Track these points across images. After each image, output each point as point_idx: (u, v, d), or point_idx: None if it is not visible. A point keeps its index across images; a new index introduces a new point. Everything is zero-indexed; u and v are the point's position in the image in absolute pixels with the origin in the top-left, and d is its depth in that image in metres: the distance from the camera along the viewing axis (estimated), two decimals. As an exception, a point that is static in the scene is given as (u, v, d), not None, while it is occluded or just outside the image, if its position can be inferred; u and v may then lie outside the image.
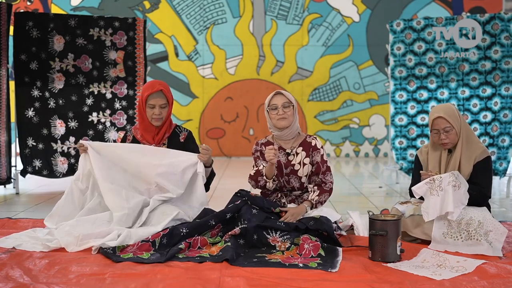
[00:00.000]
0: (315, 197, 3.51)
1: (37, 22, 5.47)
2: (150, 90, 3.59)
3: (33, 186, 5.81)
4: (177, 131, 3.75)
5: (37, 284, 2.61)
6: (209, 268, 2.86)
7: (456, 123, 3.44)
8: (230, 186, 5.72)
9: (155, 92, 3.58)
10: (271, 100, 3.57)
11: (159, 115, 3.60)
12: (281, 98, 3.55)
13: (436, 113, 3.47)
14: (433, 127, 3.48)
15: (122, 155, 3.59)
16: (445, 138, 3.45)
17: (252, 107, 8.99)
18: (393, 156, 6.21)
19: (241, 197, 3.47)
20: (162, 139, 3.69)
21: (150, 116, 3.61)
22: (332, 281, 2.71)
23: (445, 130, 3.44)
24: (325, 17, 8.95)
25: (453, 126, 3.43)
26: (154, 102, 3.58)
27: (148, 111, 3.61)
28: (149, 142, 3.67)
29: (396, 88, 6.01)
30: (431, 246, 3.28)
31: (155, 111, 3.59)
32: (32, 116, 5.47)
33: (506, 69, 5.56)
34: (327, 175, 3.57)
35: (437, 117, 3.45)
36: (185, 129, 3.79)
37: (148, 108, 3.60)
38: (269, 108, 3.56)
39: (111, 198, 3.46)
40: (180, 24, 8.95)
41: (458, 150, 3.47)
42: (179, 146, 3.69)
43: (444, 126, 3.43)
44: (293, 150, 3.59)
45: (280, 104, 3.52)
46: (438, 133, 3.47)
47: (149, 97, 3.58)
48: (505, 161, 5.59)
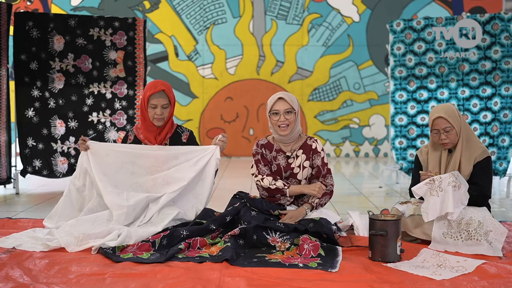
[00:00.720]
0: (315, 200, 3.49)
1: (37, 22, 5.47)
2: (152, 90, 3.58)
3: (33, 186, 5.81)
4: (179, 131, 3.75)
5: (37, 284, 2.61)
6: (209, 268, 2.86)
7: (457, 123, 3.44)
8: (230, 186, 5.72)
9: (157, 92, 3.57)
10: (273, 105, 3.50)
11: (161, 115, 3.59)
12: (283, 104, 3.48)
13: (436, 113, 3.47)
14: (433, 127, 3.48)
15: (130, 157, 3.57)
16: (445, 138, 3.45)
17: (252, 107, 8.99)
18: (393, 156, 6.21)
19: (240, 199, 3.47)
20: (164, 139, 3.68)
21: (151, 116, 3.60)
22: (332, 281, 2.71)
23: (446, 130, 3.44)
24: (325, 17, 8.95)
25: (453, 126, 3.43)
26: (156, 102, 3.57)
27: (150, 111, 3.60)
28: (151, 142, 3.66)
29: (396, 88, 6.01)
30: (431, 246, 3.28)
31: (157, 111, 3.58)
32: (32, 116, 5.47)
33: (506, 69, 5.56)
34: (327, 178, 3.54)
35: (437, 117, 3.45)
36: (187, 129, 3.78)
37: (150, 108, 3.59)
38: (270, 112, 3.52)
39: (110, 198, 3.46)
40: (180, 24, 8.95)
41: (458, 150, 3.47)
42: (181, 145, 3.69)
43: (445, 126, 3.43)
44: (293, 153, 3.57)
45: (282, 111, 3.47)
46: (438, 133, 3.47)
47: (151, 97, 3.57)
48: (505, 161, 5.59)
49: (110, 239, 3.16)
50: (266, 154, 3.59)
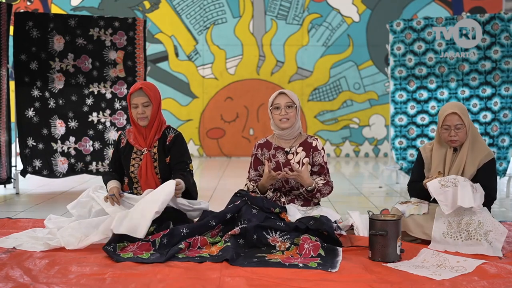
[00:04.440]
0: (320, 183, 3.52)
1: (37, 22, 5.47)
2: (131, 90, 3.62)
3: (33, 186, 5.80)
4: (166, 133, 3.69)
5: (37, 284, 2.62)
6: (209, 268, 2.86)
7: (467, 122, 3.45)
8: (230, 186, 5.72)
9: (136, 91, 3.59)
10: (274, 99, 3.59)
11: (143, 114, 3.58)
12: (284, 98, 3.57)
13: (450, 109, 3.46)
14: (444, 123, 3.46)
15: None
16: (455, 135, 3.43)
17: (252, 107, 8.99)
18: (393, 156, 6.21)
19: (241, 197, 3.48)
20: (153, 141, 3.67)
21: (135, 116, 3.60)
22: (332, 281, 2.71)
23: (457, 127, 3.43)
24: (325, 17, 8.95)
25: (464, 124, 3.43)
26: (136, 101, 3.58)
27: (133, 112, 3.61)
28: (141, 146, 3.66)
29: (396, 88, 6.01)
30: (431, 246, 3.28)
31: (138, 110, 3.58)
32: (32, 116, 5.47)
33: (506, 69, 5.56)
34: (327, 176, 3.62)
35: (451, 113, 3.44)
36: (174, 130, 3.70)
37: (133, 109, 3.61)
38: (272, 107, 3.59)
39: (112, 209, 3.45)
40: (180, 24, 8.95)
41: (465, 150, 3.46)
42: (166, 148, 3.64)
43: (457, 123, 3.42)
44: (292, 149, 3.60)
45: (283, 104, 3.55)
46: (449, 129, 3.45)
47: (131, 97, 3.61)
48: (505, 161, 5.59)
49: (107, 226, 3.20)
50: (264, 153, 3.64)
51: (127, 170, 3.66)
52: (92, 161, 5.61)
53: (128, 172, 3.67)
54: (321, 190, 3.53)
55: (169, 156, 3.63)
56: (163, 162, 3.63)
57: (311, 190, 3.50)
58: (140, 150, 3.65)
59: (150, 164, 3.61)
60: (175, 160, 3.62)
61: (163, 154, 3.63)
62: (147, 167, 3.60)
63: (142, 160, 3.62)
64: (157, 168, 3.62)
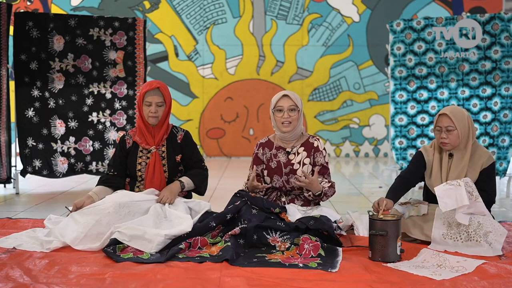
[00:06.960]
0: (326, 186, 3.51)
1: (37, 22, 5.47)
2: (147, 87, 3.61)
3: (33, 186, 5.80)
4: (174, 132, 3.73)
5: (37, 284, 2.62)
6: (209, 268, 2.86)
7: (461, 126, 3.40)
8: (230, 186, 5.72)
9: (152, 90, 3.59)
10: (277, 102, 3.55)
11: (155, 113, 3.59)
12: (288, 101, 3.54)
13: (443, 110, 3.46)
14: (436, 124, 3.47)
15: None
16: (445, 137, 3.42)
17: (252, 107, 8.99)
18: (393, 156, 6.21)
19: (240, 198, 3.47)
20: (161, 140, 3.68)
21: (146, 114, 3.61)
22: (332, 281, 2.71)
23: (447, 129, 3.42)
24: (325, 17, 8.95)
25: (456, 127, 3.41)
26: (150, 99, 3.58)
27: (144, 109, 3.61)
28: (148, 144, 3.66)
29: (396, 88, 6.01)
30: (430, 247, 3.27)
31: (151, 108, 3.58)
32: (32, 116, 5.47)
33: (506, 69, 5.56)
34: (329, 177, 3.61)
35: (442, 113, 3.44)
36: (182, 129, 3.77)
37: (145, 106, 3.60)
38: (274, 109, 3.56)
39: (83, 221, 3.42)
40: (180, 24, 8.95)
41: (459, 156, 3.45)
42: (176, 147, 3.68)
43: (447, 125, 3.41)
44: (293, 149, 3.59)
45: (286, 107, 3.52)
46: (440, 130, 3.45)
47: (146, 94, 3.60)
48: (505, 161, 5.59)
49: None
50: (265, 153, 3.63)
51: (134, 169, 3.67)
52: (92, 161, 5.61)
53: (134, 171, 3.67)
54: (327, 193, 3.53)
55: (180, 155, 3.68)
56: (172, 160, 3.66)
57: (319, 194, 3.50)
58: (146, 149, 3.66)
59: (158, 162, 3.63)
60: (191, 160, 3.72)
61: (172, 152, 3.66)
62: (155, 165, 3.62)
63: (150, 159, 3.64)
64: (165, 166, 3.65)
